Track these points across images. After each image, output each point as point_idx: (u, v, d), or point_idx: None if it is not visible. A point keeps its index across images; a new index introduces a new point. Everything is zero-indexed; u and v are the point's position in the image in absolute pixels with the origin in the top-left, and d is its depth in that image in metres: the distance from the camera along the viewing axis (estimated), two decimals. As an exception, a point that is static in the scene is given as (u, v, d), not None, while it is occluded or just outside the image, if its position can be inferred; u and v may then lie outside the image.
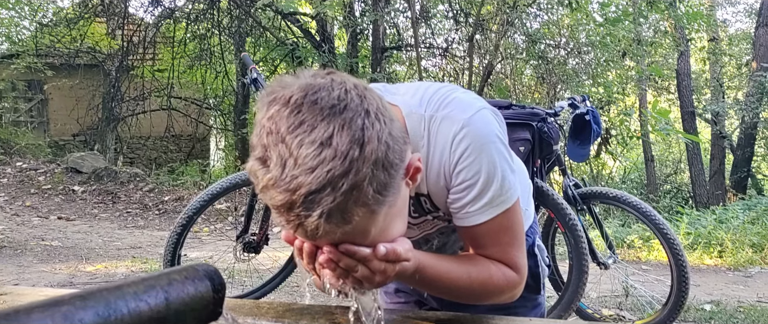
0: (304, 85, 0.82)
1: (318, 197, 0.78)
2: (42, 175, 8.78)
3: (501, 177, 1.03)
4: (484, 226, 1.06)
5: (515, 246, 1.10)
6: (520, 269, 1.11)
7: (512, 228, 1.09)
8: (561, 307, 3.01)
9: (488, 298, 1.12)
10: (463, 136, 1.01)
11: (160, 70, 11.83)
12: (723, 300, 3.94)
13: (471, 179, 1.02)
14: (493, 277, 1.08)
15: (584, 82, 9.57)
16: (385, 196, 0.83)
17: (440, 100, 1.05)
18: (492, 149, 1.02)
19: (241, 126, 10.95)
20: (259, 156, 0.82)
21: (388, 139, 0.83)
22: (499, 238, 1.08)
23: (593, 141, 3.35)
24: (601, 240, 3.62)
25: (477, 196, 1.03)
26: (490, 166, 1.02)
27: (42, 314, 0.51)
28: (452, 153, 1.02)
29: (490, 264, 1.09)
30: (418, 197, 1.11)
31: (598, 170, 12.46)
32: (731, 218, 6.93)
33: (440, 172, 1.05)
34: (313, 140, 0.78)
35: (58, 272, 4.45)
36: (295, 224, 0.81)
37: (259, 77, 3.23)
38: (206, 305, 0.66)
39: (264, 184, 0.81)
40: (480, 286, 1.08)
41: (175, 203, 7.72)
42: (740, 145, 13.14)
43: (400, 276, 0.96)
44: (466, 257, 1.11)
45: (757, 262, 5.26)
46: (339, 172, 0.77)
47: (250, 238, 3.18)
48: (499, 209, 1.05)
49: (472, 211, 1.05)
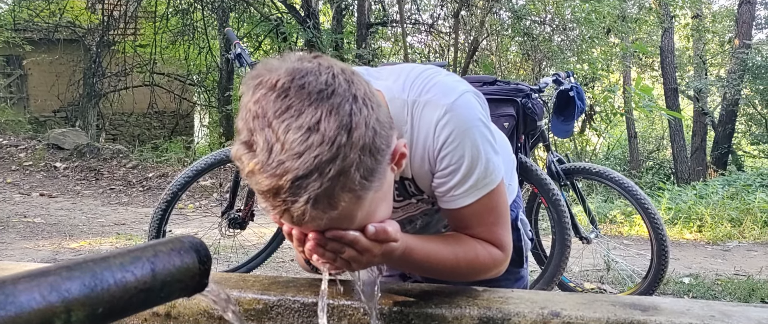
0: (290, 69, 0.81)
1: (305, 183, 0.77)
2: (23, 152, 8.67)
3: (485, 160, 1.04)
4: (469, 208, 1.07)
5: (500, 225, 1.12)
6: (505, 247, 1.13)
7: (497, 208, 1.10)
8: (544, 281, 3.05)
9: (474, 276, 1.14)
10: (446, 121, 1.01)
11: (142, 45, 11.66)
12: (701, 273, 4.02)
13: (455, 164, 1.03)
14: (480, 257, 1.10)
15: (569, 58, 9.59)
16: (371, 182, 0.83)
17: (422, 85, 1.05)
18: (475, 133, 1.03)
19: (226, 102, 10.86)
20: (244, 140, 0.81)
21: (376, 125, 0.82)
22: (484, 218, 1.09)
23: (577, 117, 3.37)
24: (584, 215, 3.66)
25: (461, 179, 1.04)
26: (473, 151, 1.03)
27: (28, 284, 0.51)
28: (436, 138, 1.02)
29: (476, 243, 1.10)
30: (403, 181, 1.12)
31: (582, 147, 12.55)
32: (711, 194, 7.04)
33: (424, 157, 1.05)
34: (300, 125, 0.77)
35: (42, 249, 4.42)
36: (281, 209, 0.81)
37: (243, 53, 3.20)
38: (192, 276, 0.66)
39: (250, 169, 0.80)
40: (467, 265, 1.09)
41: (159, 180, 7.67)
42: (721, 122, 13.30)
43: (387, 257, 0.96)
44: (452, 237, 1.12)
45: (735, 237, 5.36)
46: (326, 157, 0.77)
47: (236, 214, 3.18)
48: (484, 191, 1.06)
49: (457, 195, 1.06)
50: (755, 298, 3.43)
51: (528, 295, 1.02)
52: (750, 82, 12.84)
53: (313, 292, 1.04)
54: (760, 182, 8.39)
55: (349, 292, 1.03)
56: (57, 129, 9.45)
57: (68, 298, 0.54)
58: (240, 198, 3.27)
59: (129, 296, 0.59)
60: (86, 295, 0.55)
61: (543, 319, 0.92)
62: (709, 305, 0.94)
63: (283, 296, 1.03)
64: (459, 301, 0.99)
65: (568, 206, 3.13)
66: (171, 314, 1.06)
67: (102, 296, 0.56)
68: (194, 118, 14.22)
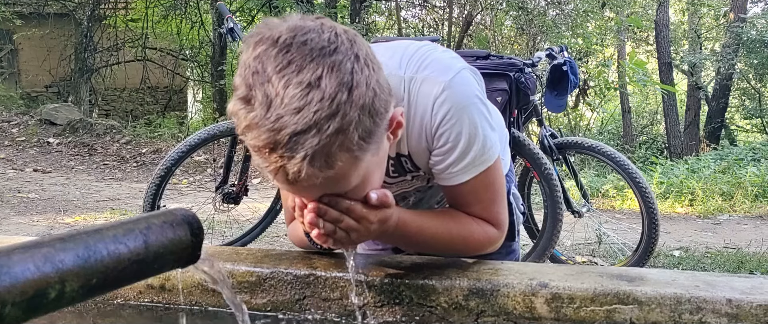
0: (293, 26, 0.80)
1: (302, 139, 0.77)
2: (15, 127, 8.62)
3: (482, 137, 1.05)
4: (466, 185, 1.08)
5: (496, 202, 1.12)
6: (500, 225, 1.14)
7: (493, 185, 1.11)
8: (536, 254, 3.08)
9: (469, 252, 1.15)
10: (444, 98, 1.01)
11: (134, 19, 11.53)
12: (691, 246, 4.07)
13: (453, 141, 1.03)
14: (474, 234, 1.11)
15: (564, 33, 9.55)
16: (369, 144, 0.83)
17: (419, 62, 1.05)
18: (473, 110, 1.03)
19: (219, 77, 10.78)
20: (242, 96, 0.79)
21: (376, 87, 0.82)
22: (480, 196, 1.10)
23: (570, 92, 3.37)
24: (576, 189, 3.69)
25: (459, 157, 1.05)
26: (471, 128, 1.03)
27: (23, 255, 0.52)
28: (434, 116, 1.02)
29: (472, 221, 1.11)
30: (399, 157, 1.12)
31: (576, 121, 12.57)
32: (703, 168, 7.09)
33: (422, 134, 1.05)
34: (300, 81, 0.76)
35: (36, 224, 4.43)
36: (276, 167, 0.80)
37: (235, 27, 3.17)
38: (185, 248, 0.67)
39: (247, 124, 0.79)
40: (461, 242, 1.10)
41: (153, 155, 7.66)
42: (715, 96, 13.33)
43: (382, 226, 0.97)
44: (447, 213, 1.13)
45: (725, 210, 5.42)
46: (325, 114, 0.76)
47: (230, 189, 3.18)
48: (481, 168, 1.07)
49: (454, 172, 1.07)
50: (744, 270, 3.48)
51: (517, 267, 1.03)
52: (744, 57, 12.84)
53: (306, 264, 1.06)
54: (752, 156, 8.45)
55: (341, 265, 1.04)
56: (49, 104, 9.39)
57: (62, 269, 0.54)
58: (234, 173, 3.28)
59: (122, 267, 0.60)
60: (80, 266, 0.56)
61: (532, 290, 0.93)
62: (694, 276, 0.96)
63: (275, 269, 1.04)
64: (449, 272, 1.00)
65: (560, 180, 3.15)
66: (165, 287, 1.07)
67: (96, 267, 0.57)
68: (187, 93, 14.13)
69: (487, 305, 0.94)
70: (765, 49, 12.14)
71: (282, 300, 1.03)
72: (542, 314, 0.92)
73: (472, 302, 0.95)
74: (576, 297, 0.91)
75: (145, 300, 1.08)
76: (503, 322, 0.94)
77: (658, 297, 0.88)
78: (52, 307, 0.55)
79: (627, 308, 0.89)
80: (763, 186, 5.99)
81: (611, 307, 0.89)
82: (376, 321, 0.98)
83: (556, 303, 0.92)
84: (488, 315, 0.94)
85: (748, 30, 12.23)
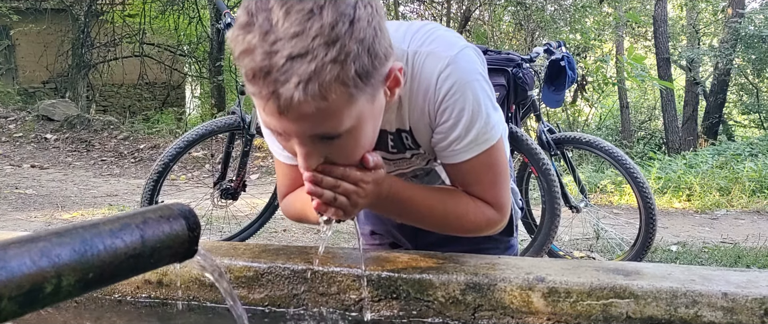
0: None
1: (297, 64, 0.76)
2: (12, 123, 8.60)
3: (485, 114, 1.04)
4: (468, 164, 1.07)
5: (498, 184, 1.11)
6: (502, 208, 1.13)
7: (496, 166, 1.10)
8: (533, 249, 3.09)
9: (465, 231, 1.15)
10: (448, 73, 1.01)
11: (131, 15, 11.50)
12: (689, 241, 4.08)
13: (456, 117, 1.03)
14: (470, 213, 1.10)
15: (562, 28, 9.55)
16: (365, 84, 0.83)
17: (424, 37, 1.04)
18: (476, 87, 1.03)
19: (217, 73, 10.77)
20: (242, 23, 0.79)
21: (377, 28, 0.82)
22: (482, 176, 1.09)
23: (568, 87, 3.38)
24: (574, 184, 3.70)
25: (462, 133, 1.04)
26: (474, 104, 1.03)
27: (19, 249, 0.52)
28: (437, 90, 1.02)
29: (469, 200, 1.10)
30: (400, 133, 1.11)
31: (574, 117, 12.58)
32: (701, 163, 7.11)
33: (425, 109, 1.05)
34: (302, 8, 0.77)
35: (34, 220, 4.43)
36: (269, 92, 0.79)
37: (233, 22, 3.17)
38: (182, 243, 0.67)
39: (243, 48, 0.78)
40: (455, 219, 1.10)
41: (150, 151, 7.65)
42: (713, 92, 13.34)
43: (377, 189, 0.98)
44: (444, 189, 1.13)
45: (723, 205, 5.43)
46: (324, 41, 0.76)
47: (228, 185, 3.19)
48: (484, 146, 1.06)
49: (457, 150, 1.06)
50: (741, 264, 3.49)
51: (514, 261, 1.03)
52: (742, 52, 12.85)
53: (303, 259, 1.06)
54: (749, 151, 8.48)
55: (338, 260, 1.04)
56: (46, 100, 9.37)
57: (58, 264, 0.54)
58: (232, 169, 3.28)
59: (119, 262, 0.60)
60: (76, 260, 0.56)
61: (528, 284, 0.94)
62: (690, 270, 0.96)
63: (273, 264, 1.04)
64: (446, 267, 1.01)
65: (558, 176, 3.16)
66: (163, 282, 1.07)
67: (92, 262, 0.57)
68: (185, 89, 14.11)
69: (484, 300, 0.95)
70: (763, 44, 12.15)
71: (279, 295, 1.03)
72: (539, 309, 0.92)
73: (469, 297, 0.95)
74: (573, 291, 0.91)
75: (142, 295, 1.08)
76: (500, 316, 0.94)
77: (654, 291, 0.88)
78: (49, 301, 0.55)
79: (623, 302, 0.89)
80: (761, 181, 6.00)
81: (608, 302, 0.90)
82: (374, 315, 0.99)
83: (553, 297, 0.92)
84: (485, 309, 0.95)
85: (746, 25, 12.23)
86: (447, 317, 0.96)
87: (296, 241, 3.80)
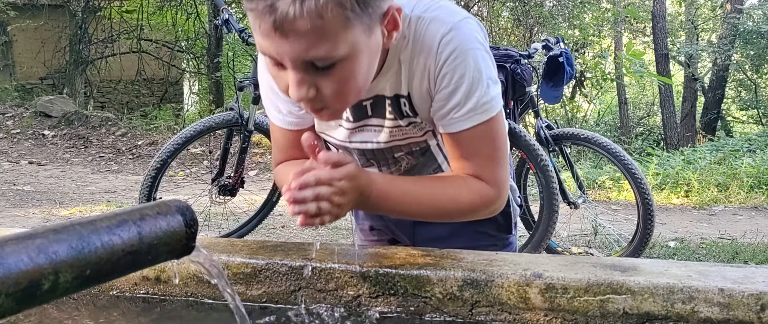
0: None
1: None
2: (10, 120, 8.59)
3: (486, 83, 1.03)
4: (467, 134, 1.06)
5: (496, 160, 1.10)
6: (498, 184, 1.11)
7: (495, 140, 1.09)
8: (532, 246, 3.10)
9: (463, 215, 1.13)
10: (450, 37, 1.01)
11: (129, 11, 11.47)
12: (687, 237, 4.09)
13: (455, 83, 1.02)
14: (463, 194, 1.09)
15: (560, 24, 9.54)
16: (362, 11, 0.85)
17: (429, 4, 1.05)
18: (478, 55, 1.03)
19: (215, 69, 10.75)
20: None
21: None
22: (480, 148, 1.08)
23: (566, 83, 3.38)
24: (572, 180, 3.70)
25: (461, 100, 1.03)
26: (475, 72, 1.02)
27: (16, 246, 0.52)
28: (438, 54, 1.02)
29: (461, 181, 1.09)
30: (398, 99, 1.11)
31: (573, 113, 12.58)
32: (699, 159, 7.12)
33: (425, 75, 1.05)
34: None
35: (32, 216, 4.42)
36: (265, 6, 0.81)
37: (231, 18, 3.16)
38: (179, 239, 0.67)
39: None
40: (449, 201, 1.09)
41: (148, 147, 7.64)
42: (711, 88, 13.36)
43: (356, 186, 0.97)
44: (434, 177, 1.13)
45: (721, 201, 5.44)
46: None
47: (226, 181, 3.19)
48: (484, 117, 1.05)
49: (456, 118, 1.05)
50: (738, 260, 3.50)
51: (512, 258, 1.04)
52: (741, 48, 12.86)
53: (301, 255, 1.06)
54: (748, 147, 8.49)
55: (336, 257, 1.05)
56: (44, 96, 9.35)
57: (56, 260, 0.54)
58: (230, 165, 3.28)
59: (116, 259, 0.60)
60: (74, 257, 0.56)
61: (526, 280, 0.94)
62: (687, 265, 0.96)
63: (271, 260, 1.04)
64: (444, 263, 1.01)
65: (557, 172, 3.16)
66: (161, 278, 1.07)
67: (89, 258, 0.57)
68: (183, 85, 14.09)
69: (481, 296, 0.95)
70: (761, 40, 12.16)
71: (277, 291, 1.03)
72: (536, 304, 0.93)
73: (467, 293, 0.95)
74: (570, 287, 0.92)
75: (140, 292, 1.08)
76: (498, 312, 0.94)
77: (651, 287, 0.89)
78: (46, 298, 0.55)
79: (620, 298, 0.89)
80: (759, 177, 6.01)
81: (605, 297, 0.90)
82: (372, 311, 0.99)
83: (550, 293, 0.92)
84: (483, 305, 0.95)
85: (745, 21, 12.24)
86: (444, 313, 0.96)
87: (294, 238, 3.80)
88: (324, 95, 0.92)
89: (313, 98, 0.92)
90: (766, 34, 12.07)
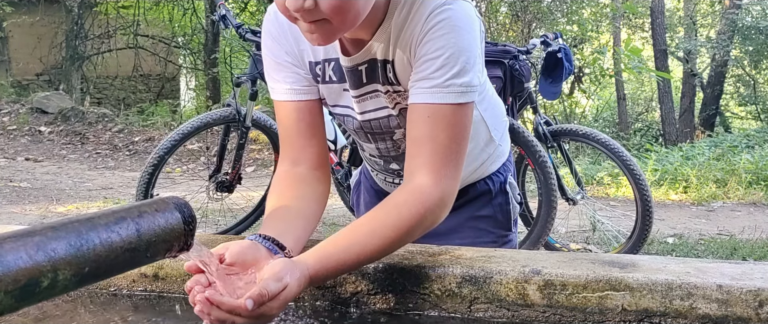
0: None
1: None
2: (6, 116, 8.57)
3: (463, 64, 1.00)
4: (427, 108, 1.01)
5: (449, 154, 1.01)
6: (441, 184, 1.00)
7: (454, 130, 1.02)
8: (530, 242, 3.10)
9: (410, 234, 0.99)
10: (442, 10, 1.01)
11: (125, 6, 11.43)
12: (685, 233, 4.09)
13: (433, 53, 1.01)
14: (402, 213, 0.98)
15: (559, 20, 9.54)
16: None
17: None
18: (465, 34, 1.01)
19: (212, 65, 10.73)
20: None
21: None
22: (436, 133, 1.01)
23: (565, 79, 3.38)
24: (571, 177, 3.70)
25: (433, 72, 1.01)
26: (456, 49, 1.00)
27: (14, 244, 0.52)
28: (427, 22, 1.01)
29: (393, 202, 1.00)
30: (385, 64, 1.10)
31: (571, 109, 12.58)
32: (697, 155, 7.12)
33: (411, 41, 1.04)
34: None
35: (29, 213, 4.41)
36: None
37: (228, 14, 3.15)
38: (177, 236, 0.67)
39: None
40: (393, 229, 0.97)
41: (145, 144, 7.63)
42: (710, 83, 13.36)
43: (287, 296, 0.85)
44: (366, 216, 1.01)
45: (719, 197, 5.44)
46: None
47: (223, 178, 3.18)
48: (449, 99, 1.01)
49: (423, 88, 1.02)
50: (737, 256, 3.50)
51: (510, 254, 1.04)
52: (739, 43, 12.87)
53: (300, 252, 1.06)
54: (746, 143, 8.50)
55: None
56: (40, 93, 9.32)
57: (55, 258, 0.54)
58: (227, 161, 3.27)
59: (114, 256, 0.60)
60: (72, 254, 0.56)
61: (524, 277, 0.94)
62: (686, 262, 0.96)
63: (269, 256, 1.04)
64: (442, 260, 1.01)
65: (555, 168, 3.17)
66: (159, 275, 1.07)
67: (88, 256, 0.57)
68: (180, 81, 14.05)
69: (480, 292, 0.95)
70: (760, 35, 12.17)
71: (276, 288, 1.03)
72: (535, 301, 0.93)
73: (465, 289, 0.96)
74: (568, 284, 0.92)
75: (138, 289, 1.08)
76: (496, 309, 0.94)
77: (650, 283, 0.89)
78: (45, 295, 0.55)
79: (619, 295, 0.89)
80: (757, 173, 6.02)
81: (603, 294, 0.90)
82: (370, 308, 0.99)
83: (549, 290, 0.92)
84: (481, 302, 0.95)
85: (743, 17, 12.25)
86: (443, 310, 0.96)
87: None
88: (321, 9, 0.92)
89: (311, 9, 0.91)
90: (764, 29, 12.08)
